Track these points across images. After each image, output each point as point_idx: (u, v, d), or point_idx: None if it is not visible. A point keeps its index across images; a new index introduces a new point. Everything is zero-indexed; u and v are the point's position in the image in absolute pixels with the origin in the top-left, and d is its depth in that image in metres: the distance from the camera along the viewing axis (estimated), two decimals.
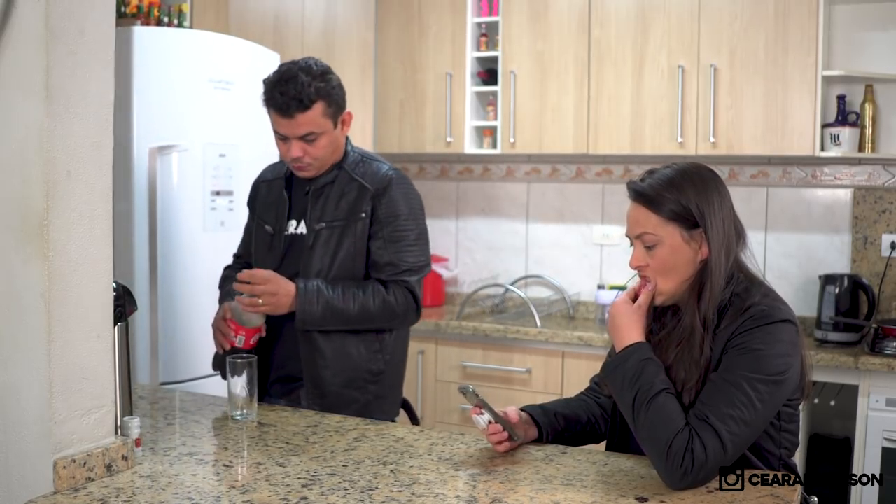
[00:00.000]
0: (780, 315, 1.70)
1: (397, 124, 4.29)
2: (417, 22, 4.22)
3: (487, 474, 1.74)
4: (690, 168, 1.78)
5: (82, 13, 1.62)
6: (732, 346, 1.69)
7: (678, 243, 1.74)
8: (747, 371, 1.65)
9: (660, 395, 1.65)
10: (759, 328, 1.68)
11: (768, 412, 1.67)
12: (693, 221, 1.73)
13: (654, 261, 1.75)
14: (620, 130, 3.81)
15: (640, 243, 1.77)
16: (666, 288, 1.76)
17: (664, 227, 1.74)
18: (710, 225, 1.73)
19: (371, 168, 2.42)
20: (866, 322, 3.48)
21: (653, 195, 1.74)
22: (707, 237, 1.73)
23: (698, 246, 1.74)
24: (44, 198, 1.57)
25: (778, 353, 1.67)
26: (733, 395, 1.64)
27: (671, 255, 1.74)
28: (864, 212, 3.71)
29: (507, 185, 4.44)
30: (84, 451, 1.64)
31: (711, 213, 1.73)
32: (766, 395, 1.65)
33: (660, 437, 1.62)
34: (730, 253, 1.76)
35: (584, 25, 3.86)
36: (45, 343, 1.59)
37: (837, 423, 3.62)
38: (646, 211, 1.75)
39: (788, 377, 1.68)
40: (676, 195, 1.73)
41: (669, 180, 1.74)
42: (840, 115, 3.62)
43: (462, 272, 4.53)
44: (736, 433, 1.62)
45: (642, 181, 1.77)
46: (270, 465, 1.77)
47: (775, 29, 3.52)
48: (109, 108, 1.69)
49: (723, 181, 1.81)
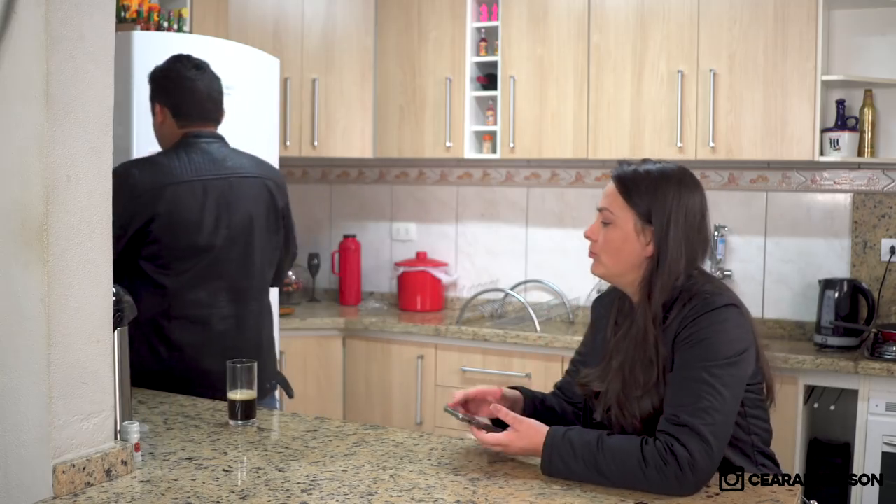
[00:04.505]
0: (722, 301, 1.74)
1: (397, 129, 4.29)
2: (417, 27, 4.22)
3: (487, 479, 1.74)
4: (674, 170, 1.83)
5: (82, 19, 1.62)
6: (681, 340, 1.72)
7: (629, 231, 1.81)
8: (702, 361, 1.68)
9: (600, 443, 1.67)
10: (702, 317, 1.71)
11: (736, 394, 1.70)
12: (649, 218, 1.79)
13: (604, 238, 1.84)
14: (620, 135, 3.82)
15: (600, 217, 1.86)
16: (608, 264, 1.84)
17: (623, 211, 1.81)
18: (662, 226, 1.78)
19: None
20: (866, 327, 3.48)
21: (626, 179, 1.82)
22: (655, 236, 1.78)
23: (647, 242, 1.80)
24: (43, 203, 1.57)
25: (727, 337, 1.70)
26: (696, 388, 1.66)
27: (619, 240, 1.82)
28: (864, 216, 3.71)
29: (507, 190, 4.44)
30: (83, 456, 1.64)
31: (666, 216, 1.78)
32: (727, 378, 1.67)
33: (632, 465, 1.63)
34: (686, 260, 1.79)
35: (583, 30, 3.87)
36: (45, 348, 1.59)
37: (837, 427, 3.62)
38: (615, 190, 1.83)
39: (744, 356, 1.72)
40: (644, 187, 1.80)
41: (647, 172, 1.82)
42: (839, 119, 3.63)
43: (461, 277, 4.53)
44: (712, 423, 1.63)
45: (629, 165, 1.85)
46: (270, 470, 1.77)
47: (774, 34, 3.53)
48: (109, 114, 1.70)
49: (703, 193, 1.85)
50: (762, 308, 3.91)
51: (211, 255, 2.55)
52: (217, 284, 2.58)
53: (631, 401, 1.79)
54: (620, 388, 1.81)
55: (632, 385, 1.79)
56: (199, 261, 2.53)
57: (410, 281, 4.40)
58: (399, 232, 4.69)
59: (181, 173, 2.53)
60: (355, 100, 4.32)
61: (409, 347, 4.02)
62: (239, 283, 2.62)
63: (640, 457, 1.62)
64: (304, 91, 4.27)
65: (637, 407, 1.78)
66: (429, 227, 4.63)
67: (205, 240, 2.54)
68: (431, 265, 4.43)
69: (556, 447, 1.70)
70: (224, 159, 2.62)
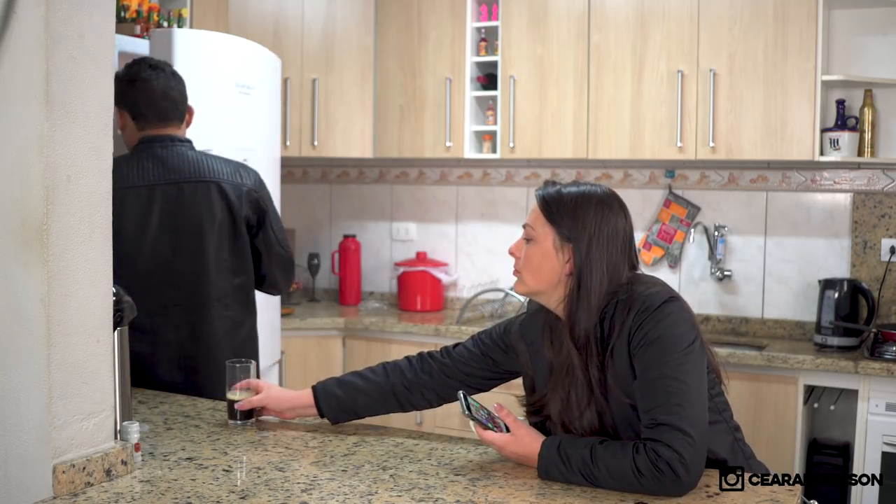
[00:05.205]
0: (662, 297, 1.75)
1: (397, 129, 4.29)
2: (417, 26, 4.22)
3: (487, 479, 1.74)
4: (598, 192, 1.85)
5: (82, 18, 1.62)
6: (636, 345, 1.74)
7: (548, 248, 1.83)
8: (661, 358, 1.70)
9: (594, 456, 1.68)
10: (649, 317, 1.73)
11: (700, 380, 1.72)
12: (567, 235, 1.81)
13: (525, 255, 1.86)
14: (620, 135, 3.82)
15: (523, 234, 1.88)
16: (528, 281, 1.86)
17: (543, 227, 1.84)
18: (581, 244, 1.80)
19: None
20: (866, 327, 3.48)
21: (549, 198, 1.85)
22: (574, 254, 1.80)
23: (566, 259, 1.81)
24: (43, 202, 1.57)
25: (678, 330, 1.73)
26: (662, 385, 1.68)
27: (539, 256, 1.84)
28: (864, 216, 3.71)
29: (507, 190, 4.44)
30: (83, 456, 1.64)
31: (587, 234, 1.80)
32: (688, 367, 1.70)
33: (628, 477, 1.64)
34: (609, 279, 1.80)
35: (583, 30, 3.87)
36: (45, 347, 1.58)
37: (837, 427, 3.62)
38: (538, 209, 1.86)
39: (696, 344, 1.74)
40: (565, 205, 1.82)
41: (569, 192, 1.84)
42: (839, 119, 3.62)
43: (461, 277, 4.53)
44: (687, 415, 1.65)
45: (554, 185, 1.88)
46: (270, 470, 1.77)
47: (774, 34, 3.53)
48: (109, 113, 1.70)
49: (627, 217, 1.86)
50: (762, 308, 3.91)
51: (157, 261, 2.51)
52: (168, 294, 2.52)
53: (572, 421, 1.82)
54: (560, 409, 1.84)
55: (569, 406, 1.82)
56: (145, 267, 2.49)
57: (410, 281, 4.40)
58: (399, 232, 4.69)
59: (127, 179, 2.49)
60: (355, 100, 4.32)
61: (409, 347, 4.01)
62: (193, 290, 2.55)
63: (633, 467, 1.63)
64: (304, 91, 4.27)
65: (579, 426, 1.81)
66: (429, 227, 4.63)
67: (149, 246, 2.50)
68: (431, 265, 4.43)
69: (551, 459, 1.72)
70: (179, 164, 2.55)
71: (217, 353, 2.54)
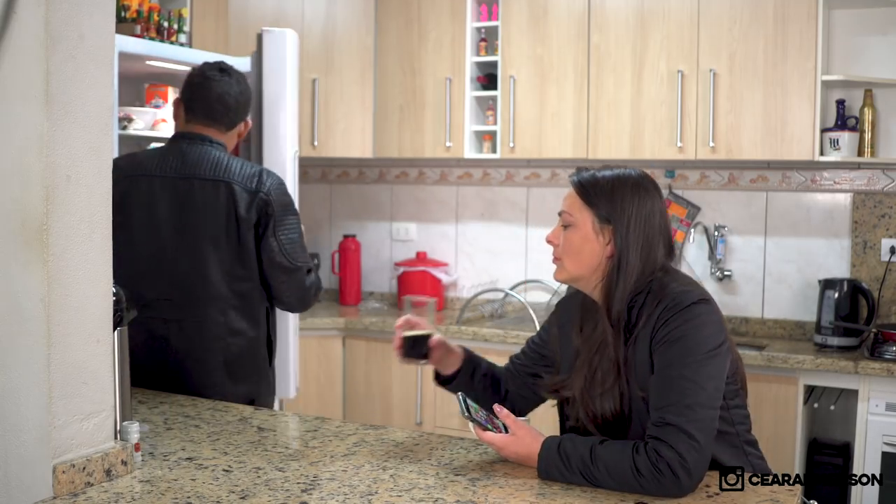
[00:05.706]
0: (693, 297, 1.74)
1: (397, 129, 4.29)
2: (417, 26, 4.22)
3: (487, 479, 1.74)
4: (631, 173, 1.88)
5: (82, 18, 1.62)
6: (658, 341, 1.73)
7: (588, 231, 1.83)
8: (682, 359, 1.69)
9: (594, 455, 1.67)
10: (676, 315, 1.72)
11: (718, 387, 1.71)
12: (607, 216, 1.81)
13: (564, 241, 1.86)
14: (620, 135, 3.82)
15: (560, 221, 1.88)
16: (569, 267, 1.86)
17: (581, 212, 1.84)
18: (621, 225, 1.81)
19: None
20: (866, 327, 3.48)
21: (585, 182, 1.86)
22: (614, 235, 1.81)
23: (606, 241, 1.82)
24: (43, 202, 1.57)
25: (703, 332, 1.71)
26: (678, 386, 1.67)
27: (579, 241, 1.84)
28: (864, 216, 3.71)
29: (507, 190, 4.44)
30: (83, 456, 1.64)
31: (625, 216, 1.81)
32: (708, 372, 1.69)
33: (627, 477, 1.64)
34: (646, 260, 1.81)
35: (583, 30, 3.87)
36: (45, 347, 1.58)
37: (837, 427, 3.62)
38: (574, 194, 1.86)
39: (721, 349, 1.73)
40: (602, 188, 1.83)
41: (603, 176, 1.86)
42: (839, 119, 3.63)
43: (461, 277, 4.53)
44: (697, 419, 1.64)
45: (588, 171, 1.89)
46: (270, 470, 1.77)
47: (774, 34, 3.53)
48: (109, 113, 1.70)
49: (661, 197, 1.88)
50: (762, 308, 3.91)
51: (157, 252, 2.51)
52: (163, 287, 2.51)
53: (593, 399, 1.82)
54: (583, 387, 1.84)
55: (593, 384, 1.82)
56: (146, 254, 2.51)
57: (410, 281, 4.40)
58: (399, 232, 4.69)
59: (146, 167, 2.54)
60: (355, 100, 4.32)
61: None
62: (188, 288, 2.52)
63: (633, 467, 1.63)
64: (303, 91, 4.27)
65: (599, 406, 1.81)
66: (429, 227, 4.63)
67: (152, 236, 2.52)
68: (431, 265, 4.43)
69: (551, 459, 1.71)
70: (198, 160, 2.54)
71: (203, 356, 2.52)
